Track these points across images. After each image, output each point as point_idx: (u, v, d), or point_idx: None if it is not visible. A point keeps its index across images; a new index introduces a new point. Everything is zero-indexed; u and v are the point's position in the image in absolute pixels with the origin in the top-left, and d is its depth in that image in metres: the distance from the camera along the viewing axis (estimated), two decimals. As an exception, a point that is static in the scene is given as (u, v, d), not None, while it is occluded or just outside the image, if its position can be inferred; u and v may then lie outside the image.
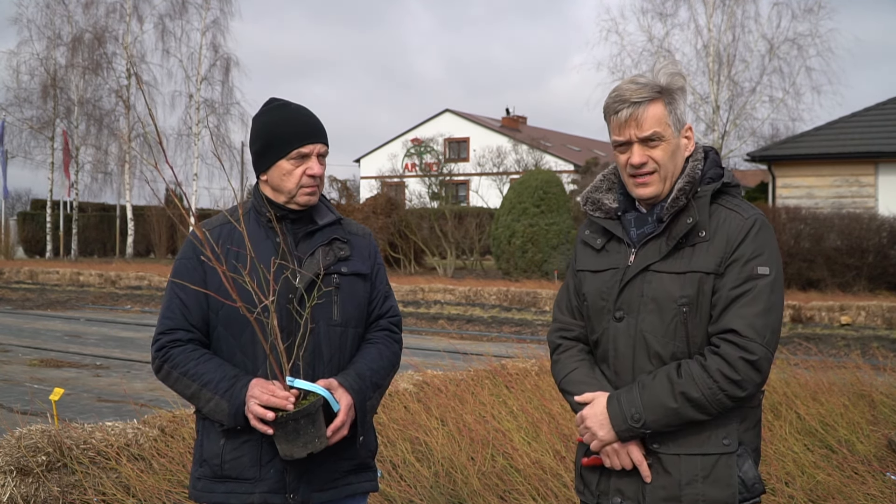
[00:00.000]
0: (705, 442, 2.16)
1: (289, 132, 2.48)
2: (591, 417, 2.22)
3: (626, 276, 2.25)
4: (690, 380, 2.11)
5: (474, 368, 6.85)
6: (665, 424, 2.15)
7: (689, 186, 2.23)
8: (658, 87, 2.22)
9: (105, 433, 4.56)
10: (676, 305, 2.17)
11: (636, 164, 2.23)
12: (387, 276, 2.70)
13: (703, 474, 2.15)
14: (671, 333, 2.18)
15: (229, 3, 40.77)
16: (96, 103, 37.60)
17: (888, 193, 21.97)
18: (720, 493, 2.14)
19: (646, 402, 2.15)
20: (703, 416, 2.13)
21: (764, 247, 2.17)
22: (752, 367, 2.10)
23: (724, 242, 2.17)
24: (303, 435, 2.29)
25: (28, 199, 53.39)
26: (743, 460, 2.17)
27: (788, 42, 29.61)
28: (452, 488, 4.45)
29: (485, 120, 51.98)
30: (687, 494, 2.15)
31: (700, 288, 2.16)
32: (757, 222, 2.19)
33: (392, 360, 2.60)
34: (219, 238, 2.49)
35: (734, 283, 2.14)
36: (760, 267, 2.15)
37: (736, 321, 2.11)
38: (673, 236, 2.21)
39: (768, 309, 2.13)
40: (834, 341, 12.75)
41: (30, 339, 12.90)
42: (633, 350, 2.22)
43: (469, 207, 31.32)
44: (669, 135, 2.24)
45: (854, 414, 5.65)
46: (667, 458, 2.18)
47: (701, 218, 2.19)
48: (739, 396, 2.12)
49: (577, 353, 2.36)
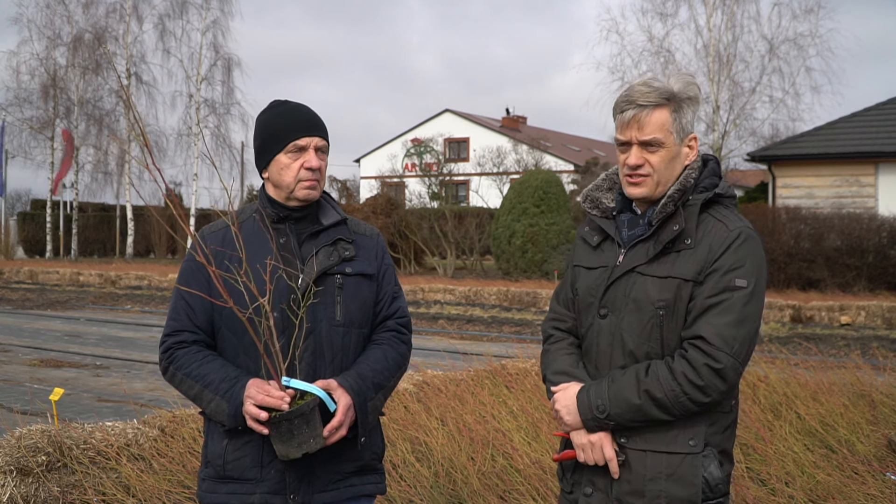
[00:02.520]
0: (672, 441, 2.22)
1: (285, 126, 2.49)
2: (560, 401, 2.32)
3: (613, 275, 2.32)
4: (656, 380, 2.19)
5: (474, 368, 6.84)
6: (628, 419, 2.22)
7: (678, 194, 2.27)
8: (668, 94, 2.26)
9: (105, 433, 4.56)
10: (654, 308, 2.24)
11: (632, 165, 2.28)
12: (396, 277, 2.69)
13: (667, 472, 2.21)
14: (647, 334, 2.26)
15: (229, 3, 40.83)
16: (96, 103, 37.61)
17: (888, 193, 21.96)
18: (683, 491, 2.20)
19: (612, 395, 2.23)
20: (666, 416, 2.19)
21: (745, 259, 2.21)
22: (717, 375, 2.16)
23: (707, 252, 2.22)
24: (297, 435, 2.29)
25: (28, 199, 53.41)
26: (709, 461, 2.22)
27: (788, 42, 29.58)
28: (452, 488, 4.45)
29: (485, 120, 51.98)
30: (650, 490, 2.22)
31: (678, 294, 2.22)
32: (741, 235, 2.23)
33: (398, 360, 2.59)
34: (223, 240, 2.50)
35: (710, 293, 2.20)
36: (738, 279, 2.19)
37: (705, 328, 2.18)
38: (660, 241, 2.26)
39: (741, 320, 2.18)
40: (834, 341, 12.75)
41: (30, 339, 12.91)
42: (612, 347, 2.30)
43: (469, 207, 31.31)
44: (670, 142, 2.27)
45: (854, 414, 5.65)
46: (633, 453, 2.25)
47: (688, 226, 2.25)
48: (703, 401, 2.18)
49: (567, 346, 2.43)
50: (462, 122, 50.83)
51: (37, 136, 37.99)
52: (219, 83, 37.71)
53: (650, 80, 2.28)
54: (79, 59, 36.72)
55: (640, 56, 30.62)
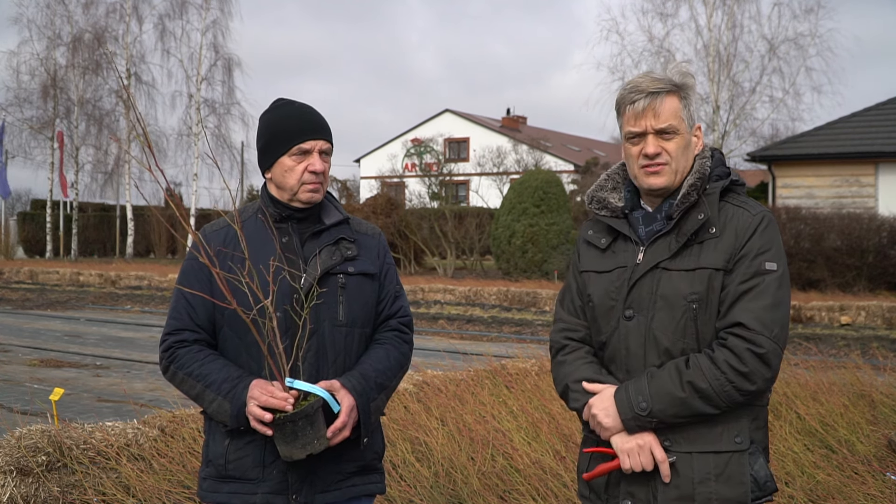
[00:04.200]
0: (717, 440, 2.15)
1: (290, 128, 2.48)
2: (597, 405, 2.20)
3: (636, 274, 2.24)
4: (698, 370, 2.11)
5: (474, 368, 6.84)
6: (672, 415, 2.13)
7: (699, 183, 2.23)
8: (674, 83, 2.24)
9: (105, 433, 4.56)
10: (686, 302, 2.17)
11: (650, 154, 2.22)
12: (398, 276, 2.68)
13: (715, 472, 2.14)
14: (681, 331, 2.18)
15: (229, 3, 40.77)
16: (96, 103, 37.59)
17: (888, 193, 21.97)
18: (733, 491, 2.13)
19: (653, 391, 2.13)
20: (712, 408, 2.11)
21: (771, 243, 2.19)
22: (760, 360, 2.10)
23: (733, 238, 2.18)
24: (301, 436, 2.29)
25: (28, 199, 53.37)
26: (755, 458, 2.16)
27: (788, 42, 29.61)
28: (452, 488, 4.45)
29: (485, 120, 51.97)
30: (700, 493, 2.13)
31: (710, 284, 2.16)
32: (765, 219, 2.21)
33: (400, 360, 2.59)
34: (225, 239, 2.50)
35: (742, 279, 2.15)
36: (768, 262, 2.16)
37: (743, 315, 2.12)
38: (683, 233, 2.21)
39: (776, 304, 2.14)
40: (834, 341, 12.75)
41: (30, 339, 12.90)
42: (644, 348, 2.21)
43: (469, 207, 31.29)
44: (684, 129, 2.25)
45: (854, 414, 5.65)
46: (679, 456, 2.16)
47: (712, 214, 2.20)
48: (749, 390, 2.11)
49: (585, 354, 2.33)
50: (462, 122, 50.82)
51: (37, 136, 37.98)
52: (219, 83, 37.73)
53: (650, 73, 2.27)
54: (79, 59, 36.71)
55: (640, 56, 30.68)
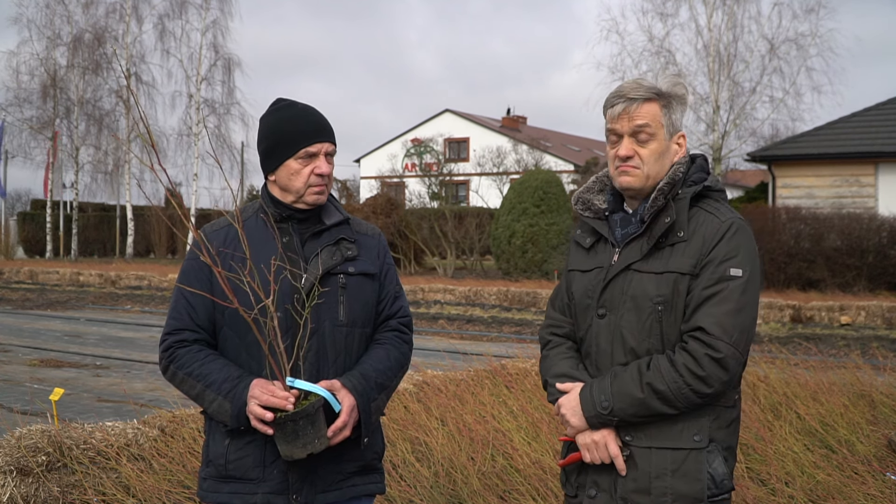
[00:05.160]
0: (677, 437, 2.23)
1: (296, 131, 2.47)
2: (565, 405, 2.31)
3: (609, 274, 2.33)
4: (658, 373, 2.20)
5: (474, 368, 6.84)
6: (632, 414, 2.22)
7: (668, 187, 2.30)
8: (656, 90, 2.30)
9: (105, 433, 4.56)
10: (652, 304, 2.25)
11: (622, 157, 2.31)
12: (397, 276, 2.69)
13: (672, 468, 2.22)
14: (647, 331, 2.26)
15: (229, 3, 40.81)
16: (96, 103, 37.59)
17: (888, 193, 21.97)
18: (689, 487, 2.21)
19: (615, 390, 2.23)
20: (670, 409, 2.20)
21: (738, 249, 2.24)
22: (718, 365, 2.17)
23: (701, 244, 2.24)
24: (302, 436, 2.29)
25: (28, 199, 53.40)
26: (713, 457, 2.23)
27: (789, 42, 29.59)
28: (452, 488, 4.45)
29: (485, 120, 51.97)
30: (656, 487, 2.22)
31: (675, 288, 2.24)
32: (733, 225, 2.26)
33: (400, 360, 2.59)
34: (225, 239, 2.50)
35: (706, 284, 2.21)
36: (733, 269, 2.21)
37: (704, 319, 2.19)
38: (652, 236, 2.28)
39: (738, 309, 2.20)
40: (834, 341, 12.75)
41: (30, 339, 12.91)
42: (612, 346, 2.31)
43: (469, 207, 31.29)
44: (661, 135, 2.31)
45: (854, 414, 5.65)
46: (638, 451, 2.25)
47: (679, 218, 2.26)
48: (705, 392, 2.19)
49: (566, 350, 2.43)
50: (462, 122, 50.82)
51: (37, 136, 37.99)
52: (219, 83, 37.73)
53: (638, 79, 2.34)
54: (79, 59, 36.71)
55: (640, 56, 30.66)
